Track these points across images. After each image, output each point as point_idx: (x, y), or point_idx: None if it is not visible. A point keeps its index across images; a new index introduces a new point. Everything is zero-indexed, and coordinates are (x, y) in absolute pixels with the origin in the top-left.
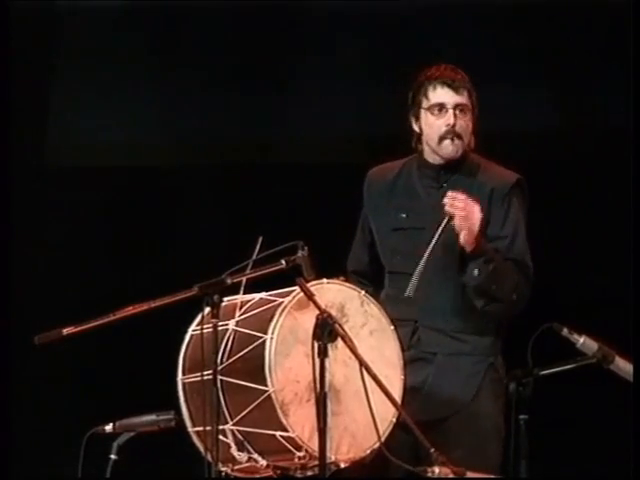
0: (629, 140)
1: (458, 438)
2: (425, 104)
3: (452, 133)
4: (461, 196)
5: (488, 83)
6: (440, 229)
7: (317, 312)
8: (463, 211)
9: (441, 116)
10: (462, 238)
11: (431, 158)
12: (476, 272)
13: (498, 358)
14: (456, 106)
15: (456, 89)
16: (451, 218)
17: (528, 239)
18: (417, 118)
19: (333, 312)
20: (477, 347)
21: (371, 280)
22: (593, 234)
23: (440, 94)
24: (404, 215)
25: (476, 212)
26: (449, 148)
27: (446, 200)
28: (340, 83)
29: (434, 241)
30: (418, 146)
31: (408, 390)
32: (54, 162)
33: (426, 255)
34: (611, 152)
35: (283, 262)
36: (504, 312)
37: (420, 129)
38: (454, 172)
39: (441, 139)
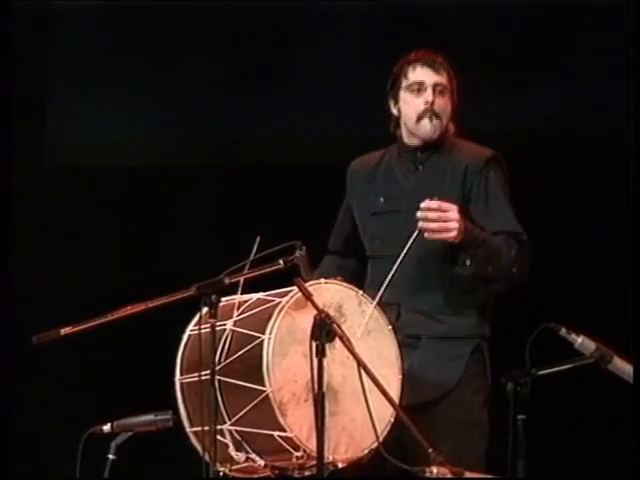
0: (629, 140)
1: (441, 431)
2: (404, 84)
3: (430, 112)
4: (434, 204)
5: (488, 83)
6: (407, 246)
7: (315, 312)
8: (437, 223)
9: (420, 95)
10: (445, 240)
11: (409, 140)
12: (468, 262)
13: (485, 340)
14: (435, 85)
15: (436, 69)
16: (420, 232)
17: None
18: (396, 101)
19: (331, 312)
20: (461, 328)
21: (348, 256)
22: (592, 234)
23: (419, 73)
24: (382, 199)
25: (453, 216)
26: (427, 127)
27: (419, 214)
28: (340, 83)
29: (406, 248)
30: (397, 131)
31: None
32: (54, 162)
33: (405, 249)
34: (611, 152)
35: (281, 262)
36: (508, 286)
37: (399, 111)
38: (431, 154)
39: (419, 118)
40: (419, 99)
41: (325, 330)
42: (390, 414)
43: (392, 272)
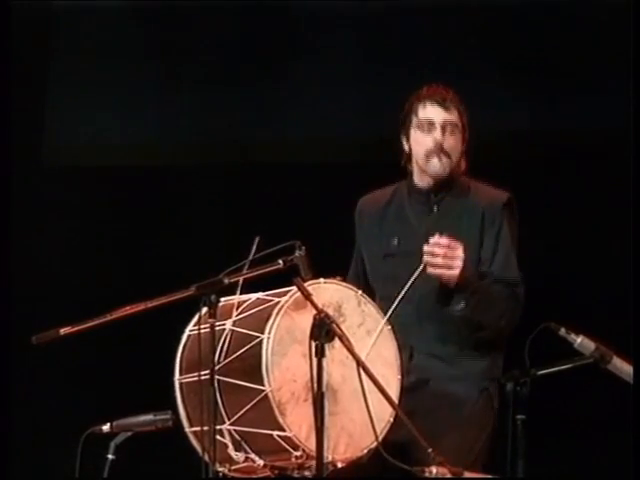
0: (629, 140)
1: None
2: (414, 121)
3: (440, 150)
4: (444, 241)
5: (487, 83)
6: (413, 277)
7: (314, 312)
8: (444, 259)
9: (429, 133)
10: (444, 279)
11: (420, 180)
12: (462, 304)
13: (494, 382)
14: (445, 124)
15: (446, 107)
16: (425, 265)
17: (525, 243)
18: (407, 138)
19: (330, 312)
20: (471, 372)
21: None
22: (591, 234)
23: (429, 111)
24: (395, 241)
25: (458, 255)
26: (437, 166)
27: (426, 248)
28: (339, 83)
29: (411, 281)
30: (408, 167)
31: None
32: (54, 162)
33: (409, 283)
34: (610, 152)
35: (280, 262)
36: (492, 338)
37: (410, 149)
38: (444, 195)
39: (428, 156)
40: (428, 137)
41: (324, 330)
42: (389, 414)
43: (397, 301)
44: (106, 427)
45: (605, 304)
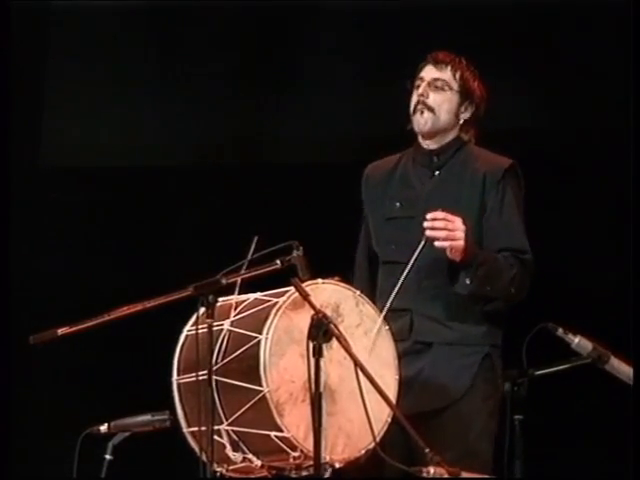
0: (629, 140)
1: (449, 438)
2: (414, 83)
3: (422, 104)
4: (440, 214)
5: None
6: (416, 254)
7: (312, 312)
8: (444, 232)
9: (417, 89)
10: (448, 254)
11: (423, 142)
12: (468, 281)
13: (496, 349)
14: (433, 80)
15: (438, 66)
16: (427, 241)
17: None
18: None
19: (328, 312)
20: (472, 335)
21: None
22: (590, 234)
23: (423, 70)
24: (398, 204)
25: (458, 226)
26: (419, 120)
27: (426, 224)
28: (340, 83)
29: (414, 257)
30: (415, 131)
31: (403, 381)
32: (52, 162)
33: (413, 260)
34: (610, 151)
35: (278, 262)
36: (505, 306)
37: None
38: (448, 160)
39: (413, 112)
40: (415, 93)
41: (322, 330)
42: (387, 414)
43: (402, 279)
44: (104, 427)
45: (604, 304)
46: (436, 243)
